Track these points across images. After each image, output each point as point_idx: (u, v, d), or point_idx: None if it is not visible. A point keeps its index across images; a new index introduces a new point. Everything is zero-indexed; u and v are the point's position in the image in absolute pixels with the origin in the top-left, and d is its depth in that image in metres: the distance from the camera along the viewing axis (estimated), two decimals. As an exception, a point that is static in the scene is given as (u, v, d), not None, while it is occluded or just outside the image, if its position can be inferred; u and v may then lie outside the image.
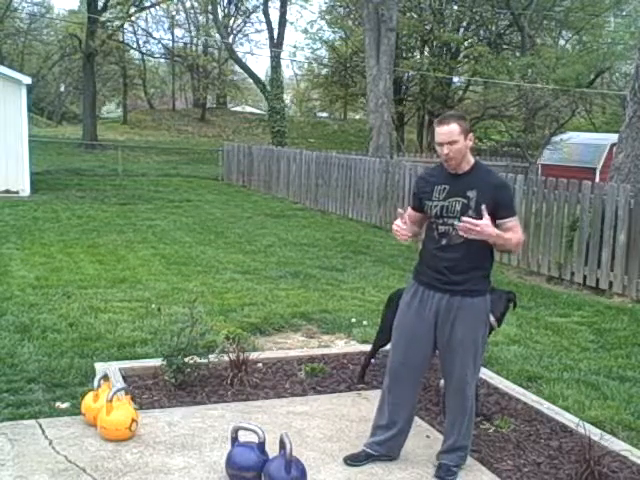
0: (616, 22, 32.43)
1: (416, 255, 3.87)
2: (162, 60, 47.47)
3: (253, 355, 5.05)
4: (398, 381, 3.72)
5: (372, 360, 4.97)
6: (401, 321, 3.72)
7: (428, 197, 3.61)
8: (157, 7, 40.00)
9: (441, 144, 3.49)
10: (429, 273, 3.61)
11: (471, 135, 3.54)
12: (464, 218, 3.39)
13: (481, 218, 3.38)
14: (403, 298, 3.75)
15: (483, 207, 3.39)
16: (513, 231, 3.49)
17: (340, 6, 37.57)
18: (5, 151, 15.61)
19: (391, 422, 3.75)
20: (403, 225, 3.59)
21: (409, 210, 3.81)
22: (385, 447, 3.78)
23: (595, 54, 28.93)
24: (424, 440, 4.03)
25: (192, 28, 44.49)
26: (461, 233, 3.40)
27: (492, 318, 4.19)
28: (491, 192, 3.47)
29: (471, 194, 3.48)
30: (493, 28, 34.14)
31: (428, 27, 32.56)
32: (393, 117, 19.30)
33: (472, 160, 3.59)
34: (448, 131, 3.46)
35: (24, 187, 15.77)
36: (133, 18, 37.55)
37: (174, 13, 43.18)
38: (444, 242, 3.55)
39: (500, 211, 3.47)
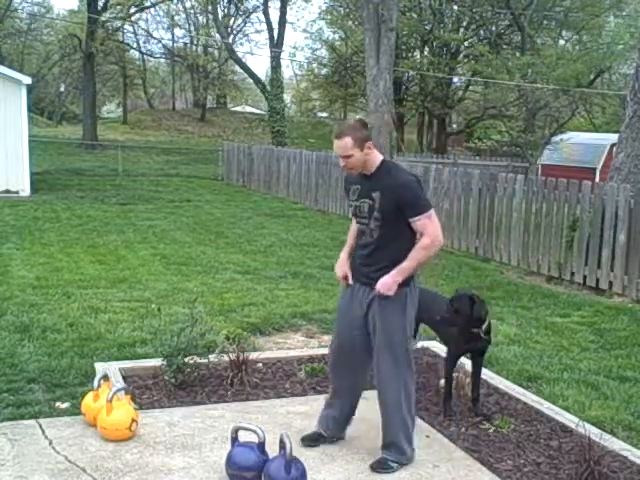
0: (616, 22, 32.43)
1: None
2: (162, 60, 47.51)
3: (253, 355, 5.05)
4: (334, 365, 3.92)
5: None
6: (338, 310, 3.93)
7: (348, 197, 3.78)
8: (157, 7, 40.04)
9: (339, 157, 3.62)
10: (355, 268, 3.77)
11: (369, 143, 3.57)
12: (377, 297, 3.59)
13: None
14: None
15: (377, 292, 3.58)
16: (425, 233, 3.53)
17: (340, 6, 37.57)
18: (5, 151, 15.61)
19: (332, 401, 3.95)
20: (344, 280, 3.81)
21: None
22: (327, 424, 3.93)
23: (595, 54, 28.94)
24: (424, 440, 4.02)
25: (192, 28, 44.52)
26: (384, 293, 3.55)
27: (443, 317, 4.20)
28: (392, 193, 3.53)
29: (375, 195, 3.58)
30: (493, 28, 34.15)
31: (428, 27, 32.61)
32: (393, 117, 19.26)
33: (378, 161, 3.64)
34: (341, 145, 3.56)
35: (24, 187, 15.77)
36: (133, 18, 37.58)
37: (174, 13, 43.21)
38: (363, 239, 3.71)
39: (405, 210, 3.54)
